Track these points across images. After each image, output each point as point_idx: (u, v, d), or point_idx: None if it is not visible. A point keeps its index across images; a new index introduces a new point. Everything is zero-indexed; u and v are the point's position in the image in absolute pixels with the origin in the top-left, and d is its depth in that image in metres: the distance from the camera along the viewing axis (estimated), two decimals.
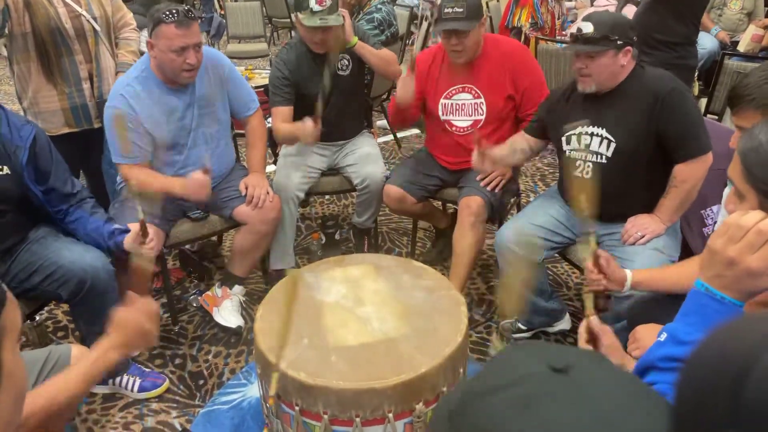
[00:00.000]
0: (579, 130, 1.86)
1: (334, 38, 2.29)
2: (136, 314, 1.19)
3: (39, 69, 2.16)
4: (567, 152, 1.91)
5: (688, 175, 1.73)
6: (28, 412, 1.02)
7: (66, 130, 2.27)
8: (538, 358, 0.51)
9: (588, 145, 1.85)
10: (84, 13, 2.20)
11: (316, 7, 2.19)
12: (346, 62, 2.45)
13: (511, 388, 0.48)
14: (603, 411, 0.46)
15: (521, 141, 2.10)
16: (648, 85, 1.76)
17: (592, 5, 4.89)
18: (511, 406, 0.47)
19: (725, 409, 0.40)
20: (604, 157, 1.83)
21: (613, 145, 1.81)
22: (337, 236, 2.83)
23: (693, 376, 0.45)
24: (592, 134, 1.85)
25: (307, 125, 2.18)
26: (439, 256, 2.73)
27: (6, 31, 2.09)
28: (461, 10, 2.08)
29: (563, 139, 1.92)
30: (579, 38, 1.76)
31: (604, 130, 1.82)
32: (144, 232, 1.81)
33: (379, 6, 3.69)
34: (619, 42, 1.72)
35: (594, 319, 1.23)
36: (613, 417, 0.46)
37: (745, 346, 0.42)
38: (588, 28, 1.74)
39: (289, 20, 7.21)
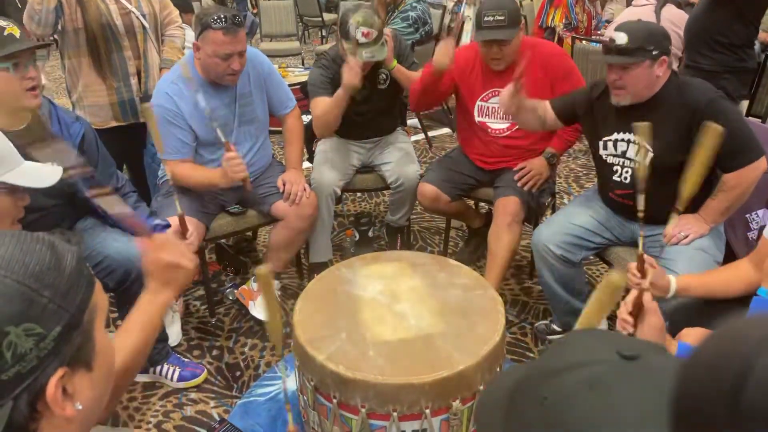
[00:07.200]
0: (615, 136, 1.83)
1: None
2: (158, 255, 1.07)
3: (90, 64, 2.24)
4: (604, 156, 1.89)
5: (739, 181, 1.68)
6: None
7: (113, 124, 2.34)
8: (607, 344, 0.53)
9: (625, 152, 1.82)
10: (134, 9, 2.26)
11: (362, 39, 2.19)
12: (384, 76, 2.47)
13: (580, 369, 0.50)
14: (667, 398, 0.47)
15: (543, 108, 2.00)
16: (685, 95, 1.69)
17: (629, 5, 4.81)
18: (580, 385, 0.49)
19: (724, 410, 0.40)
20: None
21: (650, 155, 1.77)
22: (370, 234, 2.85)
23: (692, 377, 0.44)
24: (629, 141, 1.81)
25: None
26: (472, 255, 2.73)
27: (59, 27, 2.17)
28: (503, 18, 2.03)
29: (600, 143, 1.88)
30: (612, 49, 1.67)
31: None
32: (183, 228, 1.85)
33: (414, 4, 3.70)
34: (654, 52, 1.65)
35: (648, 295, 1.23)
36: None
37: (744, 346, 0.41)
38: (622, 39, 1.64)
39: (320, 19, 7.27)
